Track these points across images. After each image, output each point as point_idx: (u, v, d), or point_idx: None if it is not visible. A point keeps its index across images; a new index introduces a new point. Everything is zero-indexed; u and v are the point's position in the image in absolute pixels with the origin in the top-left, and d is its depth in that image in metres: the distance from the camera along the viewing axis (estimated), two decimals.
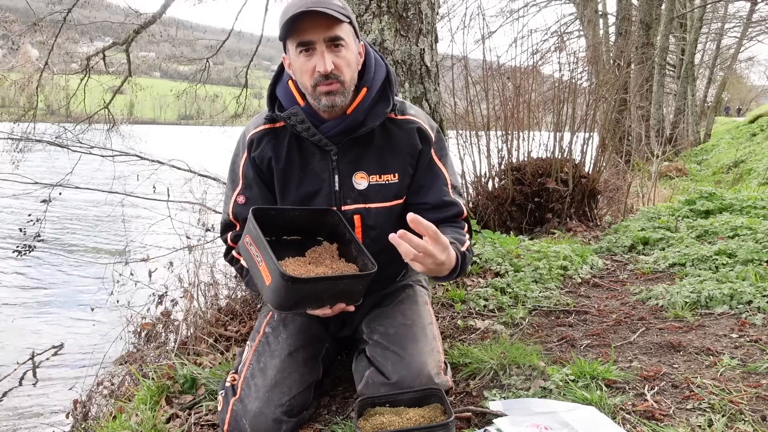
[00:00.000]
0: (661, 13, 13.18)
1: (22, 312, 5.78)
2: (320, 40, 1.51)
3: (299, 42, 1.52)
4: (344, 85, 1.56)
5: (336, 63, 1.53)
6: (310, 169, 1.69)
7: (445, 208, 1.72)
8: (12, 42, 10.23)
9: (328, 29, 1.51)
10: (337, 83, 1.55)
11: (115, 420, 1.83)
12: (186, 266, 3.25)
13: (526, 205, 4.39)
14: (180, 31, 13.09)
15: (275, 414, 1.53)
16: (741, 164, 11.51)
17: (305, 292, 1.43)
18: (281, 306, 1.44)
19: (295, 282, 1.38)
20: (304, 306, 1.49)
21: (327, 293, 1.46)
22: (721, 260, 2.81)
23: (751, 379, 1.62)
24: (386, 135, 1.70)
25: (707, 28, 23.16)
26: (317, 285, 1.45)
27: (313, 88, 1.56)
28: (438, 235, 1.38)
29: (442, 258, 1.40)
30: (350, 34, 1.57)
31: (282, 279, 1.35)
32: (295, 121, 1.61)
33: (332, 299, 1.48)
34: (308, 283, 1.43)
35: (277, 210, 1.62)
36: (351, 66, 1.57)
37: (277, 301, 1.42)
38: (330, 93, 1.55)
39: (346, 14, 1.54)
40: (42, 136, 7.22)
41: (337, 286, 1.47)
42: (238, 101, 11.33)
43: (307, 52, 1.53)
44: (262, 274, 1.43)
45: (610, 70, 5.57)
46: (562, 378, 1.66)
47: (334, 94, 1.56)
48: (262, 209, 1.56)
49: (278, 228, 1.62)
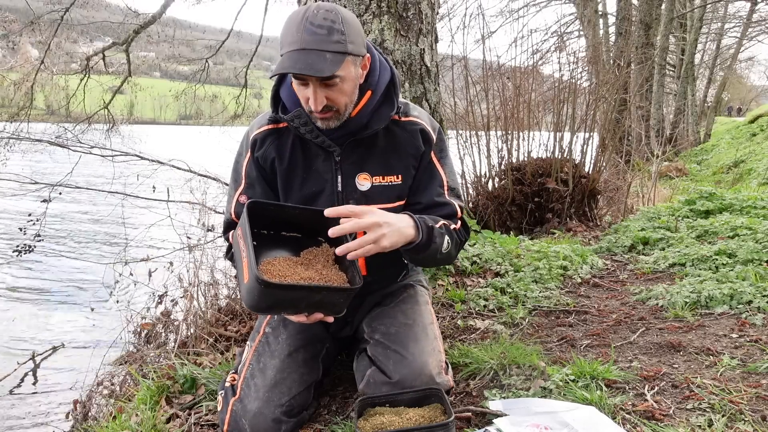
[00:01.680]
0: (661, 13, 13.18)
1: (22, 312, 5.78)
2: (313, 79, 1.47)
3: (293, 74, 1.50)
4: (339, 111, 1.56)
5: (329, 97, 1.51)
6: (314, 169, 1.69)
7: (437, 208, 1.71)
8: (11, 42, 10.22)
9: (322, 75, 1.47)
10: (330, 113, 1.55)
11: (115, 420, 1.83)
12: (186, 266, 3.25)
13: (526, 205, 4.39)
14: (179, 31, 13.09)
15: (275, 414, 1.53)
16: (741, 164, 11.51)
17: (279, 297, 1.39)
18: (254, 307, 1.41)
19: (267, 286, 1.34)
20: (278, 311, 1.47)
21: (304, 302, 1.43)
22: (721, 260, 2.81)
23: (751, 379, 1.62)
24: (390, 137, 1.70)
25: (707, 28, 23.16)
26: (292, 293, 1.40)
27: (309, 112, 1.57)
28: (353, 209, 1.45)
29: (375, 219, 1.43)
30: (349, 65, 1.50)
31: (256, 281, 1.33)
32: (298, 123, 1.61)
33: (310, 308, 1.45)
34: (282, 290, 1.39)
35: (277, 206, 1.60)
36: (347, 95, 1.54)
37: (251, 302, 1.40)
38: (324, 119, 1.56)
39: (344, 50, 1.45)
40: (42, 136, 7.21)
41: (313, 297, 1.42)
42: (237, 101, 11.33)
43: (303, 83, 1.51)
44: (243, 271, 1.41)
45: (610, 70, 5.57)
46: (562, 378, 1.66)
47: (329, 120, 1.57)
48: (260, 203, 1.54)
49: (279, 223, 1.60)
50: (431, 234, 1.57)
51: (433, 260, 1.67)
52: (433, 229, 1.58)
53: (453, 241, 1.66)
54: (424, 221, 1.57)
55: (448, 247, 1.64)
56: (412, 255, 1.61)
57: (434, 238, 1.58)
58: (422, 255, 1.59)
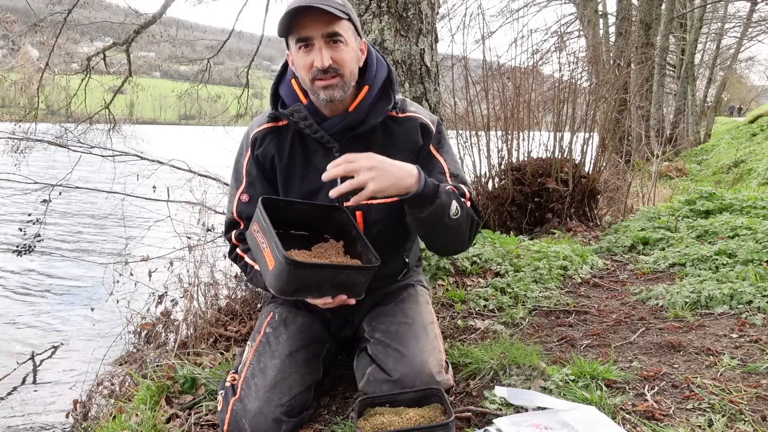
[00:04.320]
0: (661, 13, 13.18)
1: (22, 312, 5.78)
2: (318, 36, 1.52)
3: (298, 38, 1.54)
4: (343, 78, 1.57)
5: (334, 57, 1.53)
6: (313, 165, 1.70)
7: None
8: (12, 42, 10.23)
9: (326, 25, 1.51)
10: (336, 77, 1.56)
11: (115, 420, 1.83)
12: (186, 266, 3.25)
13: (526, 205, 4.39)
14: (180, 31, 13.08)
15: (275, 414, 1.53)
16: (741, 164, 11.50)
17: (307, 278, 1.42)
18: (282, 291, 1.43)
19: (297, 266, 1.38)
20: (305, 293, 1.48)
21: (329, 282, 1.46)
22: (721, 260, 2.81)
23: (751, 379, 1.62)
24: (388, 133, 1.71)
25: (707, 28, 23.16)
26: (319, 272, 1.44)
27: (312, 82, 1.57)
28: (348, 155, 1.44)
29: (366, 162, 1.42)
30: (350, 30, 1.58)
31: (285, 263, 1.36)
32: (297, 117, 1.63)
33: (334, 289, 1.47)
34: (310, 269, 1.43)
35: (286, 202, 1.62)
36: (350, 61, 1.58)
37: (279, 286, 1.42)
38: (328, 87, 1.56)
39: (346, 11, 1.54)
40: (43, 136, 7.22)
41: (339, 276, 1.46)
42: (239, 101, 11.33)
43: (306, 47, 1.54)
44: (266, 259, 1.44)
45: (610, 70, 5.57)
46: (562, 378, 1.66)
47: (333, 88, 1.56)
48: (271, 200, 1.56)
49: (286, 222, 1.62)
50: (437, 189, 1.51)
51: (443, 226, 1.55)
52: (439, 186, 1.53)
53: (463, 211, 1.58)
54: (430, 179, 1.52)
55: (458, 213, 1.55)
56: (416, 211, 1.52)
57: (440, 194, 1.51)
58: (427, 212, 1.50)
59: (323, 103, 1.62)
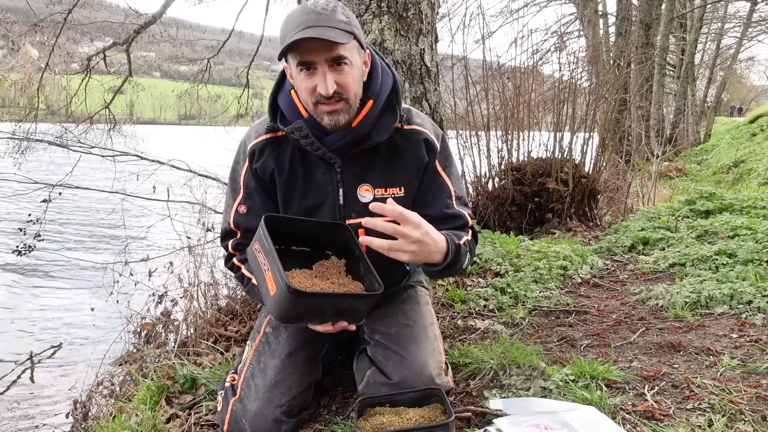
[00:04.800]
0: (661, 13, 13.18)
1: (22, 312, 5.78)
2: (322, 61, 1.44)
3: (300, 61, 1.46)
4: (348, 102, 1.51)
5: (339, 82, 1.46)
6: (314, 181, 1.65)
7: (448, 220, 1.67)
8: (12, 42, 10.23)
9: (330, 50, 1.43)
10: (341, 101, 1.49)
11: (115, 420, 1.83)
12: (186, 266, 3.25)
13: (526, 205, 4.39)
14: (180, 31, 13.05)
15: (275, 414, 1.53)
16: (741, 164, 11.50)
17: (309, 306, 1.41)
18: (283, 318, 1.42)
19: (299, 295, 1.35)
20: (306, 320, 1.47)
21: (330, 309, 1.44)
22: (721, 260, 2.81)
23: (751, 379, 1.62)
24: (392, 146, 1.65)
25: (707, 28, 23.14)
26: (322, 300, 1.43)
27: (315, 106, 1.51)
28: (405, 214, 1.35)
29: (417, 235, 1.37)
30: (354, 49, 1.49)
31: (287, 291, 1.33)
32: (298, 136, 1.56)
33: (335, 316, 1.45)
34: (313, 298, 1.41)
35: (289, 219, 1.59)
36: (354, 83, 1.50)
37: (279, 313, 1.40)
38: (333, 112, 1.50)
39: (350, 30, 1.45)
40: (44, 136, 7.23)
41: (341, 303, 1.44)
42: (239, 101, 11.32)
43: (309, 70, 1.46)
44: (268, 283, 1.41)
45: (610, 70, 5.57)
46: (562, 378, 1.66)
47: (338, 113, 1.50)
48: (274, 217, 1.53)
49: (287, 237, 1.59)
50: (457, 255, 1.53)
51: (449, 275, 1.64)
52: (459, 248, 1.55)
53: (470, 255, 1.64)
54: (454, 243, 1.53)
55: (466, 262, 1.61)
56: (431, 271, 1.58)
57: (460, 257, 1.55)
58: (441, 273, 1.57)
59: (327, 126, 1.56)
